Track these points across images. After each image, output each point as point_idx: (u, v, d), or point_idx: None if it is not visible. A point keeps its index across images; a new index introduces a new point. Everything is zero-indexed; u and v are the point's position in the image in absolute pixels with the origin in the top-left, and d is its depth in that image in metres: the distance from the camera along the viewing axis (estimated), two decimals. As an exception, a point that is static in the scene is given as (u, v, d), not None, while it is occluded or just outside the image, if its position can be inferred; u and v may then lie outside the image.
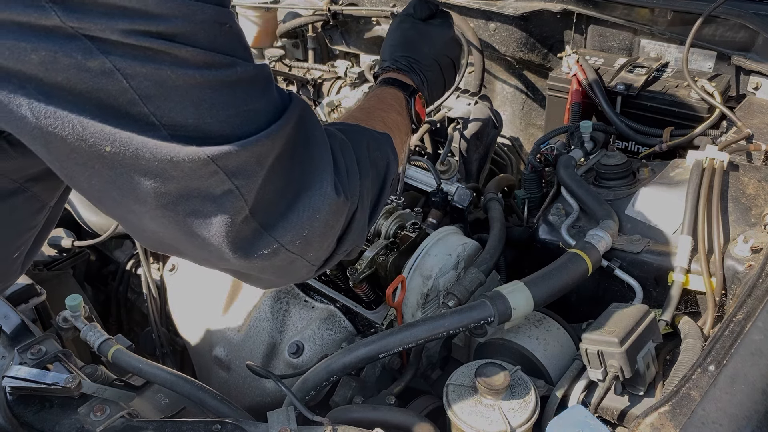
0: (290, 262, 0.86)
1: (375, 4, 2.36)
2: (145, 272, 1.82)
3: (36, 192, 0.91)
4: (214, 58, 0.72)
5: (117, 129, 0.68)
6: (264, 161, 0.77)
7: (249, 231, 0.80)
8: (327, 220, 0.85)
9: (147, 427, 1.07)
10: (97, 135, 0.68)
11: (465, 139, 1.80)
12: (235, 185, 0.75)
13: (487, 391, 1.06)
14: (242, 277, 0.92)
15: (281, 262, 0.85)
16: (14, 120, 0.68)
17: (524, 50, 2.15)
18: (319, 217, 0.83)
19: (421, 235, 1.45)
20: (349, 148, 0.93)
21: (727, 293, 1.26)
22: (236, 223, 0.77)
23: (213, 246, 0.79)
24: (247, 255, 0.81)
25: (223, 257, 0.81)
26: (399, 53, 1.33)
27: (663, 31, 1.86)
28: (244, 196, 0.76)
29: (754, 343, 0.96)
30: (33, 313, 1.41)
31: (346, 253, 0.96)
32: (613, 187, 1.53)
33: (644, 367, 1.12)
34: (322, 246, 0.88)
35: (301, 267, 0.89)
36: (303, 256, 0.86)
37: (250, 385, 1.49)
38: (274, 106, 0.81)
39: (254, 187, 0.77)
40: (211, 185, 0.74)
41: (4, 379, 1.15)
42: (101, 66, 0.66)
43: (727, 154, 1.41)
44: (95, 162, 0.71)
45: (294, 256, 0.85)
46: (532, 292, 1.17)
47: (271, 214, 0.81)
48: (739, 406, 0.88)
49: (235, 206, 0.76)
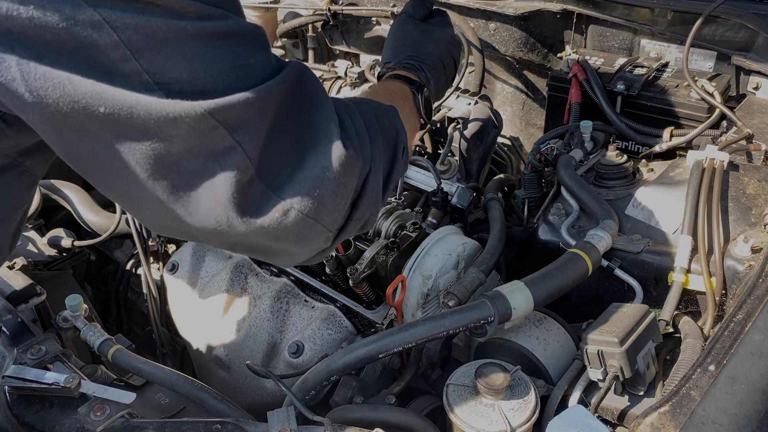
0: (305, 226, 0.82)
1: (375, 4, 2.36)
2: (145, 272, 1.82)
3: (28, 166, 0.90)
4: (205, 9, 0.70)
5: (109, 87, 0.66)
6: (264, 116, 0.75)
7: (256, 193, 0.77)
8: (338, 178, 0.81)
9: (147, 427, 1.07)
10: (90, 95, 0.66)
11: (465, 139, 1.80)
12: (236, 140, 0.73)
13: (487, 391, 1.06)
14: (260, 254, 0.88)
15: (295, 227, 0.81)
16: (6, 90, 0.66)
17: (524, 50, 2.15)
18: (329, 174, 0.80)
19: (421, 235, 1.45)
20: (354, 111, 0.90)
21: (727, 293, 1.26)
22: (242, 183, 0.75)
23: (220, 212, 0.76)
24: (257, 218, 0.77)
25: (232, 225, 0.77)
26: (403, 53, 1.33)
27: (663, 31, 1.86)
28: (248, 153, 0.73)
29: (754, 343, 0.96)
30: (33, 313, 1.41)
31: (361, 222, 0.92)
32: (613, 187, 1.53)
33: (644, 367, 1.12)
34: (336, 207, 0.84)
35: (317, 233, 0.85)
36: (317, 219, 0.82)
37: (250, 384, 1.49)
38: (270, 63, 0.78)
39: (257, 144, 0.74)
40: (211, 142, 0.72)
41: (4, 379, 1.15)
42: (90, 19, 0.64)
43: (727, 154, 1.41)
44: (91, 124, 0.69)
45: (308, 219, 0.81)
46: (532, 292, 1.17)
47: (278, 175, 0.78)
48: (739, 406, 0.88)
49: (239, 164, 0.73)
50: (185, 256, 1.68)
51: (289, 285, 1.53)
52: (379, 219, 1.50)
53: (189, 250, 1.69)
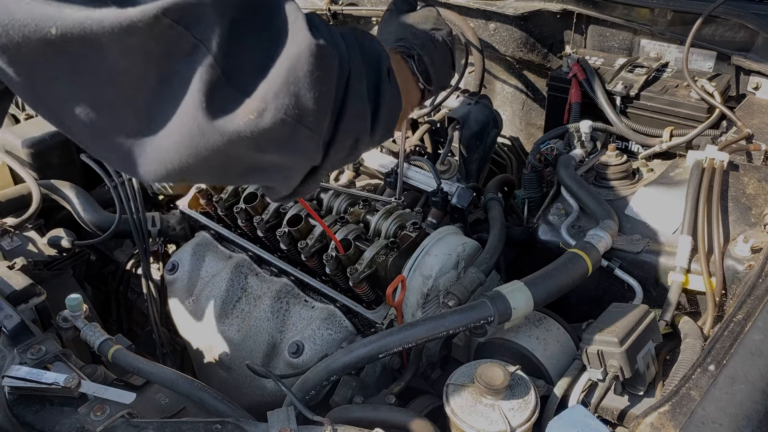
0: (286, 129, 0.77)
1: (375, 4, 2.36)
2: (145, 272, 1.82)
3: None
4: None
5: (58, 6, 0.64)
6: (223, 10, 0.71)
7: (226, 96, 0.73)
8: (312, 70, 0.76)
9: (147, 426, 1.07)
10: (39, 18, 0.64)
11: (465, 139, 1.80)
12: (197, 38, 0.69)
13: (487, 390, 1.06)
14: (249, 173, 0.83)
15: (276, 130, 0.76)
16: None
17: (524, 50, 2.16)
18: (301, 65, 0.75)
19: (421, 235, 1.45)
20: (323, 23, 0.84)
21: (727, 293, 1.26)
22: (210, 85, 0.71)
23: (190, 119, 0.71)
24: (230, 123, 0.73)
25: (205, 133, 0.72)
26: (391, 41, 1.30)
27: (663, 31, 1.86)
28: (212, 51, 0.70)
29: (754, 343, 0.96)
30: (33, 313, 1.41)
31: (350, 139, 0.87)
32: (614, 187, 1.53)
33: (644, 367, 1.13)
34: (317, 105, 0.78)
35: (304, 138, 0.79)
36: (299, 120, 0.77)
37: (250, 384, 1.49)
38: None
39: (221, 42, 0.70)
40: (172, 44, 0.68)
41: (4, 378, 1.15)
42: None
43: (727, 154, 1.41)
44: (46, 50, 0.66)
45: (287, 119, 0.76)
46: (532, 292, 1.17)
47: (247, 74, 0.74)
48: (739, 406, 0.88)
49: (204, 65, 0.70)
50: (185, 256, 1.68)
51: (289, 285, 1.53)
52: (379, 219, 1.50)
53: (189, 250, 1.69)
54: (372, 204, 1.58)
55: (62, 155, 2.08)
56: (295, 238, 1.51)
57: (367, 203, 1.58)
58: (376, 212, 1.52)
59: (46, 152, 2.04)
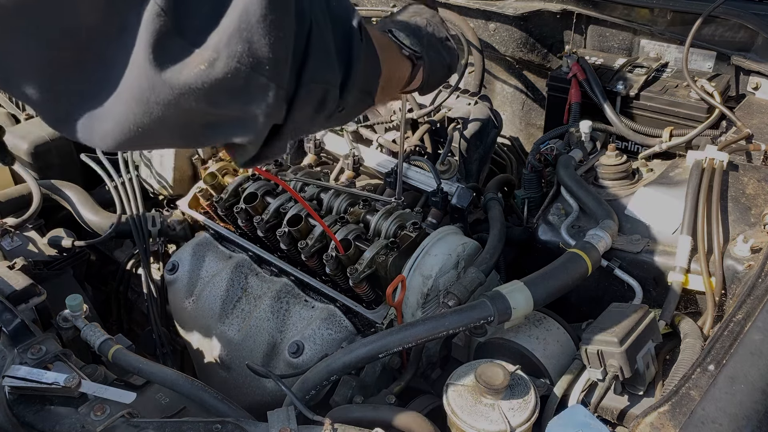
0: (240, 78, 0.73)
1: (375, 4, 2.36)
2: (145, 272, 1.82)
3: None
4: None
5: None
6: None
7: (176, 47, 0.69)
8: (265, 14, 0.72)
9: (147, 427, 1.07)
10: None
11: (465, 139, 1.80)
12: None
13: (487, 390, 1.06)
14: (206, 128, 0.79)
15: (229, 80, 0.72)
16: None
17: (524, 50, 2.16)
18: (254, 9, 0.71)
19: (421, 235, 1.45)
20: None
21: (727, 293, 1.26)
22: (159, 36, 0.68)
23: (139, 73, 0.69)
24: (180, 74, 0.70)
25: (155, 87, 0.70)
26: None
27: (663, 31, 1.86)
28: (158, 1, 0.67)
29: (754, 343, 0.96)
30: (33, 313, 1.41)
31: (318, 90, 0.83)
32: (613, 187, 1.53)
33: (644, 367, 1.13)
34: (273, 51, 0.74)
35: (259, 87, 0.75)
36: (254, 67, 0.73)
37: (251, 384, 1.50)
38: None
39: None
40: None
41: (4, 378, 1.15)
42: None
43: (726, 154, 1.41)
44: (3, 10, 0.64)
45: (240, 67, 0.72)
46: (532, 291, 1.17)
47: (197, 23, 0.70)
48: (739, 406, 0.88)
49: (150, 13, 0.67)
50: (185, 256, 1.68)
51: (289, 285, 1.53)
52: (379, 219, 1.50)
53: (189, 250, 1.69)
54: (372, 204, 1.58)
55: (62, 155, 2.08)
56: (295, 238, 1.51)
57: (367, 203, 1.58)
58: (376, 212, 1.52)
59: (46, 152, 2.05)
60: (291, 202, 1.59)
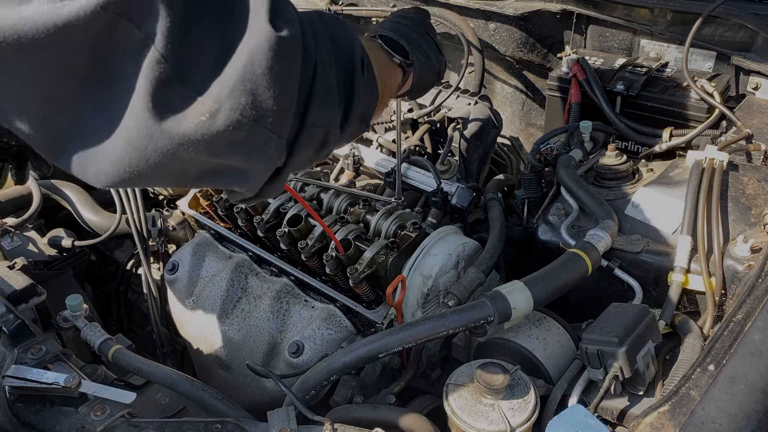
0: (243, 130, 0.70)
1: (375, 4, 2.36)
2: (145, 272, 1.82)
3: None
4: None
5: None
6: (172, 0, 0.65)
7: (176, 96, 0.67)
8: (272, 65, 0.69)
9: (147, 426, 1.07)
10: None
11: (465, 139, 1.80)
12: (144, 33, 0.64)
13: (487, 390, 1.07)
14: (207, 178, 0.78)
15: (232, 133, 0.69)
16: None
17: (524, 50, 2.16)
18: (259, 61, 0.68)
19: (421, 235, 1.45)
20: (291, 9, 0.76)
21: (727, 293, 1.26)
22: (159, 84, 0.65)
23: (138, 121, 0.66)
24: (180, 125, 0.67)
25: (153, 137, 0.67)
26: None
27: (663, 31, 1.86)
28: (159, 48, 0.64)
29: (754, 343, 0.96)
30: (33, 313, 1.41)
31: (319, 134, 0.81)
32: (613, 187, 1.53)
33: (644, 367, 1.12)
34: (278, 104, 0.71)
35: (263, 140, 0.73)
36: (257, 120, 0.70)
37: (251, 384, 1.50)
38: None
39: (170, 37, 0.64)
40: (116, 40, 0.63)
41: (4, 378, 1.15)
42: None
43: (726, 154, 1.41)
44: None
45: (244, 120, 0.69)
46: (532, 291, 1.17)
47: (199, 72, 0.67)
48: (739, 406, 0.88)
49: (152, 62, 0.64)
50: (185, 256, 1.68)
51: (289, 285, 1.53)
52: (379, 219, 1.50)
53: (189, 250, 1.69)
54: (372, 204, 1.58)
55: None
56: (295, 238, 1.51)
57: (367, 203, 1.58)
58: (376, 212, 1.52)
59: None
60: (291, 202, 1.59)
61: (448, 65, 2.42)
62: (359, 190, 1.68)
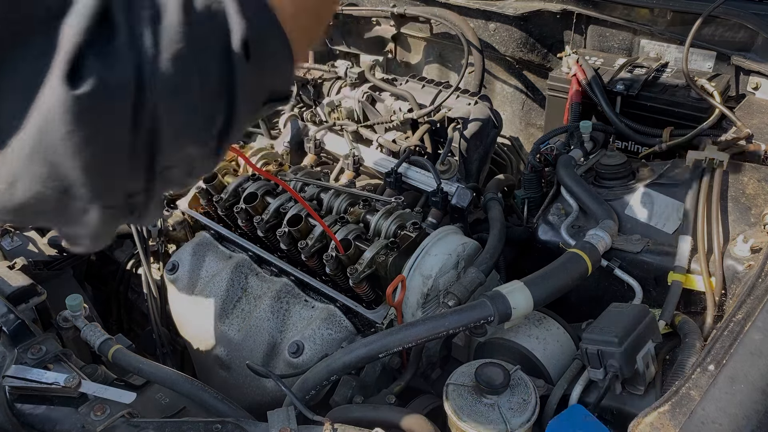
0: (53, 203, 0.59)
1: (375, 4, 2.36)
2: (146, 272, 1.82)
3: None
4: None
5: None
6: None
7: None
8: (70, 132, 0.55)
9: (147, 426, 1.07)
10: None
11: (465, 139, 1.80)
12: None
13: (487, 390, 1.07)
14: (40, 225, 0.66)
15: (38, 206, 0.59)
16: None
17: (524, 50, 2.16)
18: (55, 127, 0.54)
19: (421, 235, 1.45)
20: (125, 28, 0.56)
21: (727, 293, 1.26)
22: None
23: None
24: None
25: None
26: None
27: (663, 31, 1.86)
28: None
29: (754, 343, 0.96)
30: (33, 313, 1.41)
31: (180, 170, 0.65)
32: (613, 187, 1.53)
33: (644, 367, 1.12)
34: (89, 172, 0.57)
35: (79, 211, 0.61)
36: (66, 192, 0.58)
37: (251, 384, 1.49)
38: None
39: None
40: None
41: (4, 378, 1.15)
42: None
43: (726, 154, 1.41)
44: None
45: (48, 191, 0.58)
46: (532, 291, 1.17)
47: (2, 134, 0.56)
48: (739, 406, 0.88)
49: None
50: (185, 256, 1.68)
51: (289, 285, 1.53)
52: (379, 219, 1.50)
53: (189, 250, 1.69)
54: (372, 204, 1.58)
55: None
56: (295, 238, 1.51)
57: (367, 203, 1.58)
58: (376, 212, 1.52)
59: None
60: (291, 202, 1.59)
61: (449, 65, 2.43)
62: (359, 190, 1.68)
